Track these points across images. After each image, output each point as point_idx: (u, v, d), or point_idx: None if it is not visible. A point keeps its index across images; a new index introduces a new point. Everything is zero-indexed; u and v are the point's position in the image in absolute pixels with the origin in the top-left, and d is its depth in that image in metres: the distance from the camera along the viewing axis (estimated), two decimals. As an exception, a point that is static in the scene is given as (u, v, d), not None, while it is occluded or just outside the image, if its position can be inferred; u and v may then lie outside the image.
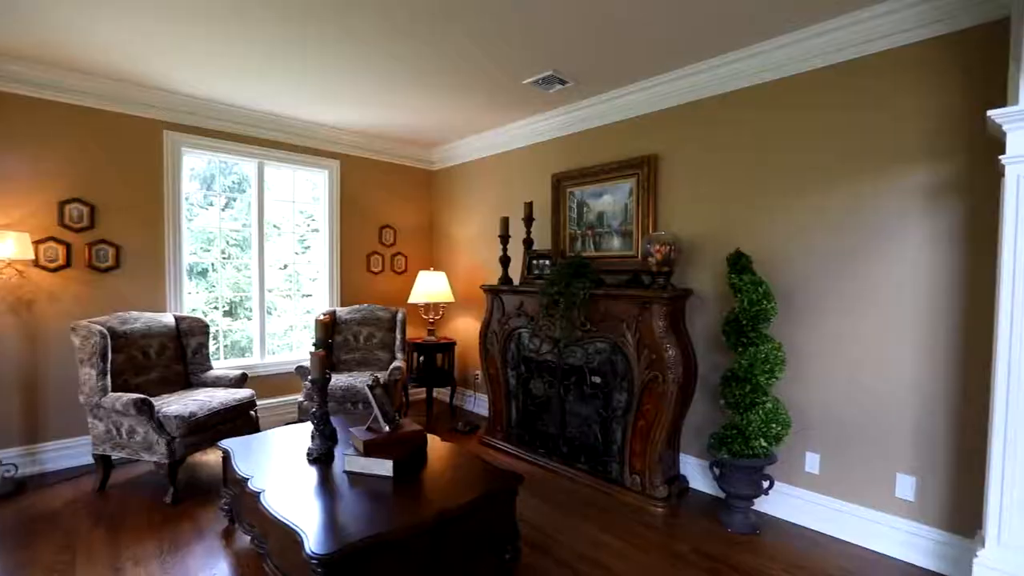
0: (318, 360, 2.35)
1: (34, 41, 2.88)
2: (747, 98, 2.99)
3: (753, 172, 2.97)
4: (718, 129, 3.12)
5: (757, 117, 2.95)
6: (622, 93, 3.50)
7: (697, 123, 3.22)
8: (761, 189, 2.94)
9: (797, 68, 2.77)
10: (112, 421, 2.97)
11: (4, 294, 3.22)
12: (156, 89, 3.61)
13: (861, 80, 2.58)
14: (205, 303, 4.41)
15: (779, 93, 2.86)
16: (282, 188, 4.62)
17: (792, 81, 2.81)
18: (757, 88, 2.94)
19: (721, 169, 3.11)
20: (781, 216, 2.86)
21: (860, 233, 2.59)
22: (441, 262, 5.34)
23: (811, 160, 2.75)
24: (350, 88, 3.57)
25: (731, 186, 3.07)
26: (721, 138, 3.11)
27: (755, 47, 2.83)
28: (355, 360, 4.25)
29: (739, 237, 3.01)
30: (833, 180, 2.67)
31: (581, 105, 3.77)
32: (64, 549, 2.48)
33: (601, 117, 3.74)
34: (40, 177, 3.34)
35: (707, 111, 3.17)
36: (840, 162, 2.64)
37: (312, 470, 2.32)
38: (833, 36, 2.60)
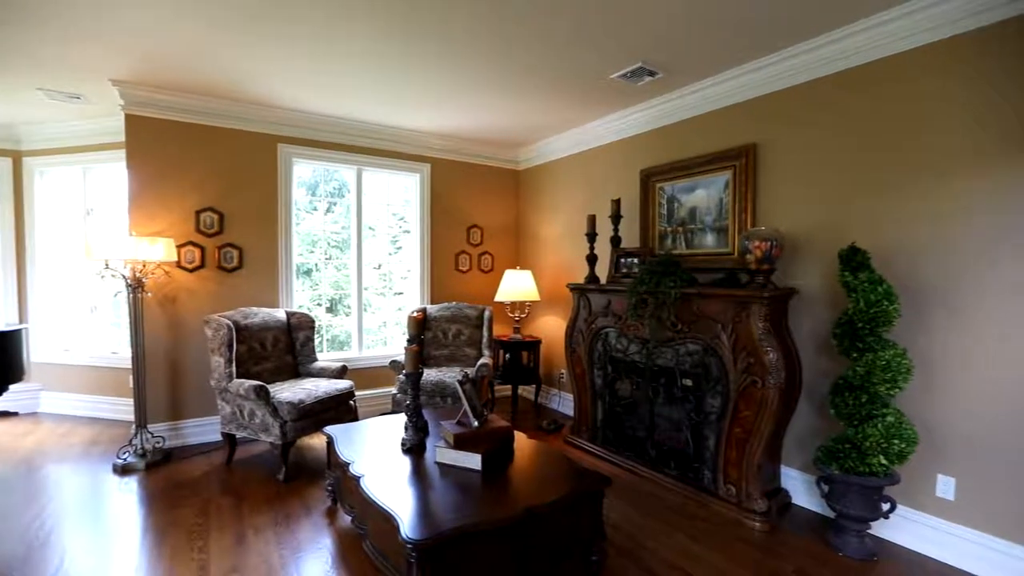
0: (412, 355, 2.47)
1: (182, 76, 3.32)
2: (866, 76, 2.69)
3: (874, 158, 2.67)
4: (829, 112, 2.84)
5: (883, 95, 2.64)
6: (716, 81, 3.31)
7: (803, 108, 2.96)
8: (884, 177, 2.63)
9: (929, 37, 2.44)
10: (236, 404, 3.34)
11: (155, 291, 3.74)
12: (272, 107, 4.00)
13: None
14: (310, 300, 4.81)
15: (907, 67, 2.54)
16: (377, 192, 4.91)
17: (929, 50, 2.47)
18: (881, 63, 2.63)
19: (833, 156, 2.83)
20: (913, 205, 2.53)
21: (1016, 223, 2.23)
22: (527, 261, 5.39)
23: (955, 144, 2.40)
24: (442, 94, 3.71)
25: (845, 174, 2.78)
26: (832, 122, 2.83)
27: (873, 18, 2.54)
28: (444, 356, 4.42)
29: (853, 231, 2.72)
30: (985, 164, 2.31)
31: (671, 96, 3.62)
32: (200, 513, 2.83)
33: (693, 108, 3.56)
34: (182, 190, 3.84)
35: (814, 94, 2.90)
36: (999, 142, 2.27)
37: (406, 459, 2.45)
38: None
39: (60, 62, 3.20)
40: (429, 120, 4.35)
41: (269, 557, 2.42)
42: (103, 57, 3.12)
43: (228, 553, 2.44)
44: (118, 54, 3.07)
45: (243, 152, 4.05)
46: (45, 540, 2.55)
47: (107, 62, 3.19)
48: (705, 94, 3.43)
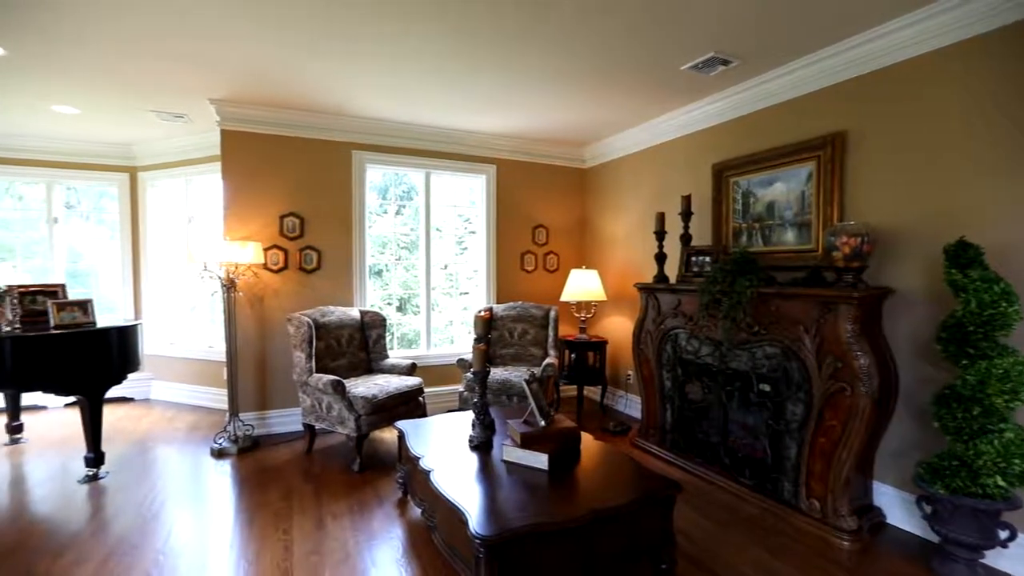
0: (480, 354, 2.51)
1: (269, 92, 3.58)
2: (985, 46, 2.40)
3: (992, 135, 2.38)
4: (936, 86, 2.56)
5: (1009, 59, 2.35)
6: (798, 65, 3.09)
7: (906, 86, 2.69)
8: (1001, 159, 2.34)
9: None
10: (316, 397, 3.56)
11: (246, 290, 4.07)
12: (347, 116, 4.22)
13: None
14: (381, 299, 5.02)
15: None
16: (444, 194, 5.04)
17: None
18: (1010, 30, 2.34)
19: (938, 138, 2.56)
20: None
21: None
22: (593, 260, 5.32)
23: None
24: (508, 96, 3.74)
25: (953, 158, 2.50)
26: (940, 97, 2.55)
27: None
28: (509, 355, 4.45)
29: (961, 224, 2.44)
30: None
31: (746, 85, 3.43)
32: (284, 497, 3.04)
33: (771, 96, 3.35)
34: (268, 197, 4.14)
35: (920, 70, 2.63)
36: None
37: (473, 456, 2.49)
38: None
39: (168, 86, 3.56)
40: (495, 121, 4.41)
41: (345, 543, 2.55)
42: (203, 80, 3.44)
43: (309, 536, 2.60)
44: (216, 76, 3.37)
45: (321, 159, 4.31)
46: (156, 513, 2.84)
47: (206, 84, 3.52)
48: (785, 81, 3.22)
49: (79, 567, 2.32)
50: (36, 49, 2.97)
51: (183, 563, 2.37)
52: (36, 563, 2.36)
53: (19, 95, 3.75)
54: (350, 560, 2.40)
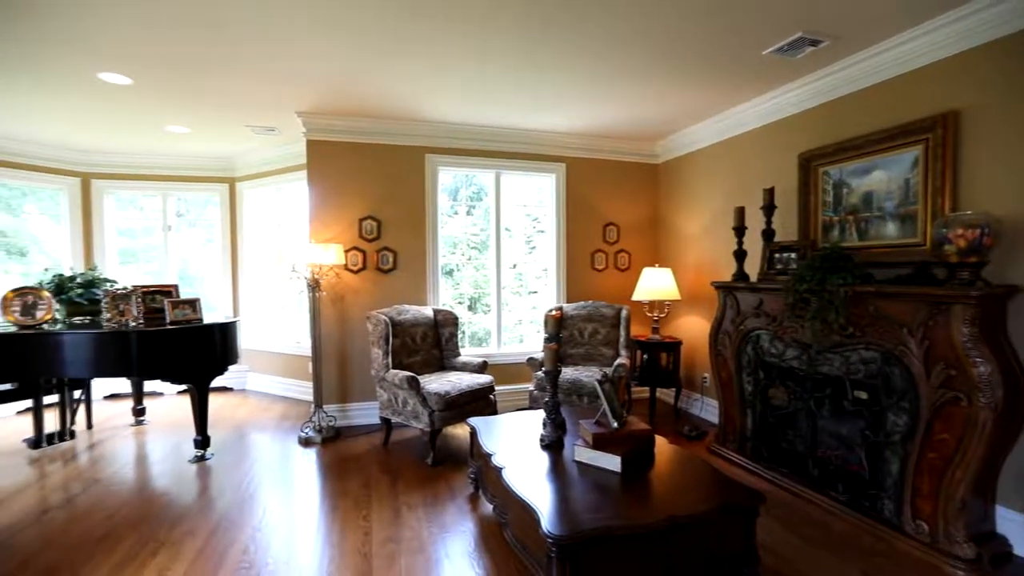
0: (551, 353, 2.51)
1: (349, 103, 3.80)
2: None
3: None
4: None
5: None
6: (898, 41, 2.81)
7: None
8: None
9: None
10: (392, 392, 3.71)
11: (329, 290, 4.33)
12: (421, 121, 4.38)
13: None
14: (452, 298, 5.14)
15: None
16: (513, 194, 5.08)
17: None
18: None
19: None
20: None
21: None
22: (666, 258, 5.15)
23: None
24: (578, 93, 3.71)
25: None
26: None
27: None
28: (580, 355, 4.41)
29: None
30: None
31: (839, 66, 3.16)
32: (364, 486, 3.20)
33: (867, 76, 3.07)
34: (348, 201, 4.39)
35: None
36: None
37: (544, 455, 2.49)
38: None
39: (261, 102, 3.87)
40: (564, 120, 4.38)
41: (420, 533, 2.64)
42: (291, 94, 3.70)
43: (386, 524, 2.72)
44: (302, 91, 3.62)
45: (396, 164, 4.49)
46: (252, 494, 3.10)
47: (294, 98, 3.78)
48: (884, 59, 2.93)
49: (191, 537, 2.58)
50: (156, 77, 3.34)
51: (276, 541, 2.56)
52: (157, 531, 2.65)
53: (140, 118, 4.23)
54: (424, 550, 2.48)
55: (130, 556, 2.42)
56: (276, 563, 2.37)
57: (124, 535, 2.61)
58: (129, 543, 2.53)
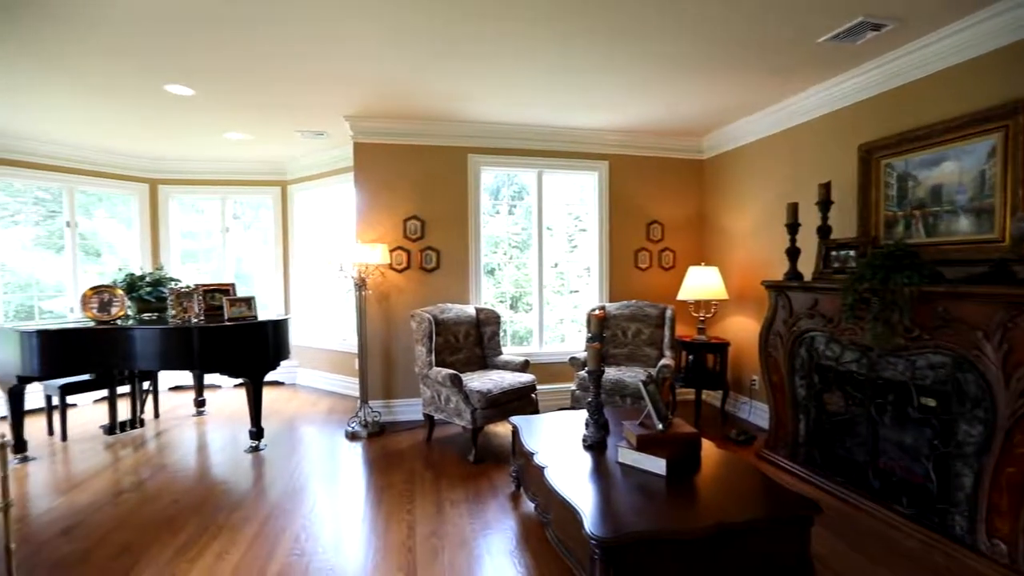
0: (594, 353, 2.48)
1: (394, 105, 3.89)
2: None
3: None
4: None
5: None
6: (972, 21, 2.60)
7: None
8: None
9: None
10: (435, 389, 3.77)
11: (374, 288, 4.45)
12: (464, 122, 4.43)
13: None
14: (494, 297, 5.17)
15: None
16: (555, 193, 5.05)
17: None
18: None
19: None
20: None
21: None
22: (712, 257, 4.99)
23: None
24: (626, 90, 3.65)
25: None
26: None
27: None
28: (623, 355, 4.34)
29: None
30: None
31: (902, 51, 2.97)
32: (407, 480, 3.26)
33: (935, 60, 2.86)
34: (393, 201, 4.49)
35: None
36: None
37: (587, 455, 2.46)
38: None
39: (311, 107, 4.01)
40: (609, 117, 4.32)
41: (463, 529, 2.67)
42: (339, 99, 3.82)
43: (429, 519, 2.77)
44: (349, 95, 3.73)
45: (440, 165, 4.56)
46: (303, 485, 3.22)
47: (342, 102, 3.91)
48: (956, 40, 2.73)
49: (247, 523, 2.72)
50: (216, 87, 3.53)
51: (325, 531, 2.66)
52: (217, 516, 2.80)
53: (201, 127, 4.48)
54: (467, 546, 2.50)
55: (193, 539, 2.57)
56: (326, 552, 2.46)
57: (187, 519, 2.77)
58: (192, 527, 2.69)
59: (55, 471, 3.47)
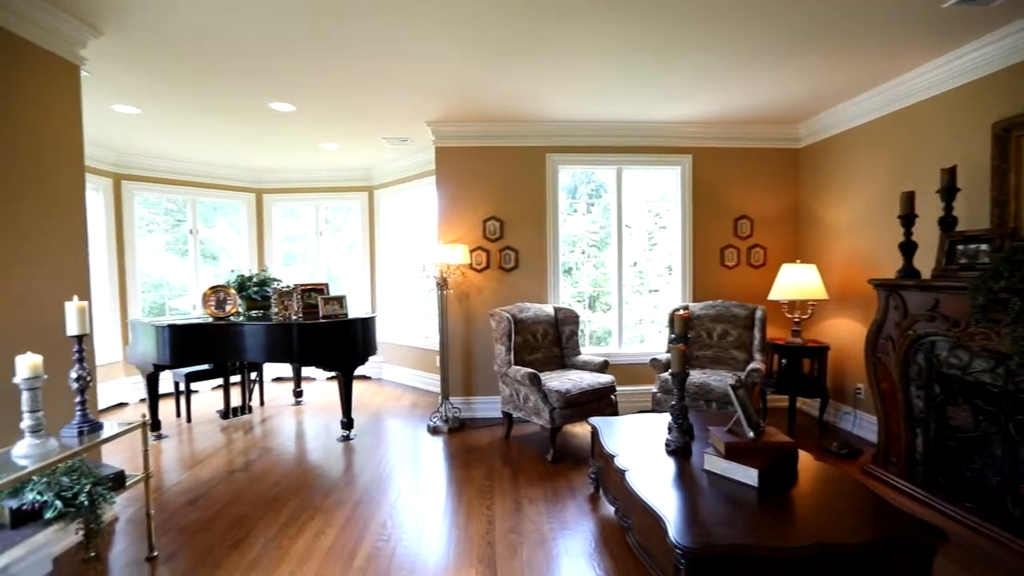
0: (678, 355, 2.38)
1: (474, 109, 3.98)
2: None
3: None
4: None
5: None
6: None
7: None
8: None
9: None
10: (514, 388, 3.81)
11: (455, 288, 4.58)
12: (541, 122, 4.44)
13: None
14: (571, 296, 5.13)
15: None
16: (634, 189, 4.91)
17: None
18: None
19: None
20: None
21: None
22: (809, 253, 4.61)
23: None
24: (712, 80, 3.48)
25: None
26: None
27: None
28: (707, 357, 4.13)
29: None
30: None
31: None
32: (486, 476, 3.32)
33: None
34: (472, 203, 4.60)
35: None
36: None
37: (670, 461, 2.37)
38: None
39: (395, 116, 4.22)
40: (692, 108, 4.13)
41: (541, 527, 2.67)
42: (422, 106, 3.98)
43: (508, 515, 2.80)
44: (430, 101, 3.87)
45: (518, 165, 4.60)
46: (389, 474, 3.39)
47: (424, 109, 4.07)
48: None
49: (340, 507, 2.91)
50: (313, 102, 3.81)
51: (409, 519, 2.78)
52: (313, 498, 3.02)
53: (299, 139, 4.86)
54: (545, 545, 2.50)
55: (294, 517, 2.79)
56: (409, 539, 2.57)
57: (289, 499, 3.02)
58: (292, 506, 2.92)
59: (182, 448, 3.93)
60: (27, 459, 1.85)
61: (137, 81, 3.41)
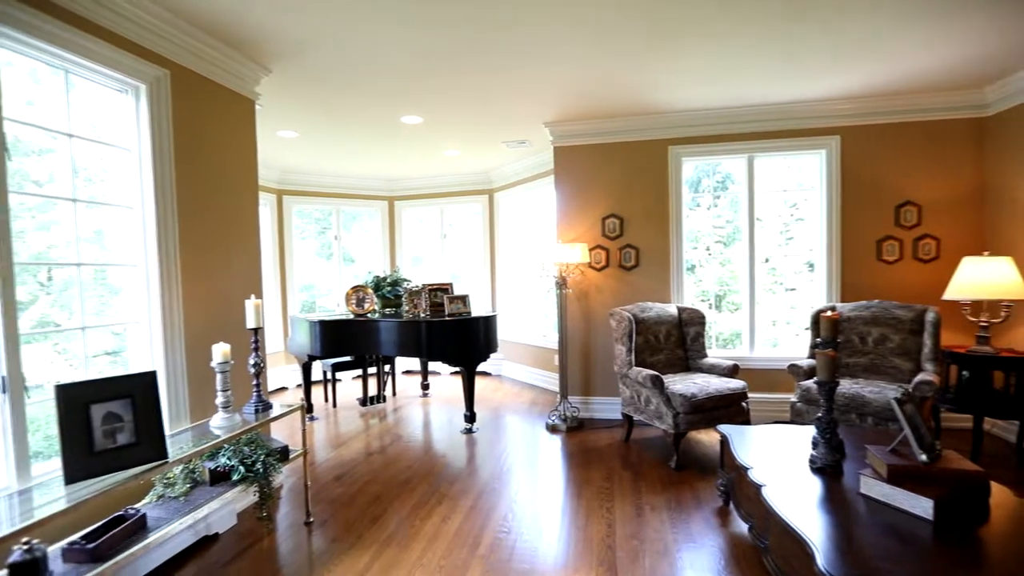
0: (827, 361, 2.11)
1: (592, 106, 3.94)
2: None
3: None
4: None
5: None
6: None
7: None
8: None
9: None
10: (634, 389, 3.69)
11: (574, 287, 4.57)
12: (662, 113, 4.25)
13: None
14: (694, 296, 4.82)
15: None
16: (766, 179, 4.47)
17: None
18: None
19: None
20: None
21: None
22: (1001, 243, 3.81)
23: None
24: (872, 43, 3.03)
25: None
26: None
27: None
28: (860, 366, 3.62)
29: None
30: None
31: None
32: (607, 478, 3.26)
33: None
34: (591, 201, 4.55)
35: None
36: None
37: (815, 480, 2.11)
38: None
39: (514, 120, 4.33)
40: (839, 83, 3.65)
41: (664, 536, 2.55)
42: (540, 108, 4.05)
43: (629, 520, 2.71)
44: (548, 102, 3.92)
45: (638, 160, 4.45)
46: (509, 468, 3.48)
47: (542, 111, 4.12)
48: None
49: (463, 496, 3.06)
50: (439, 112, 4.07)
51: (528, 514, 2.82)
52: (440, 485, 3.22)
53: (425, 148, 5.20)
54: (669, 555, 2.38)
55: (423, 500, 3.00)
56: (529, 534, 2.61)
57: (418, 483, 3.25)
58: (422, 490, 3.14)
59: (329, 430, 4.43)
60: (220, 430, 2.23)
61: (295, 109, 3.92)
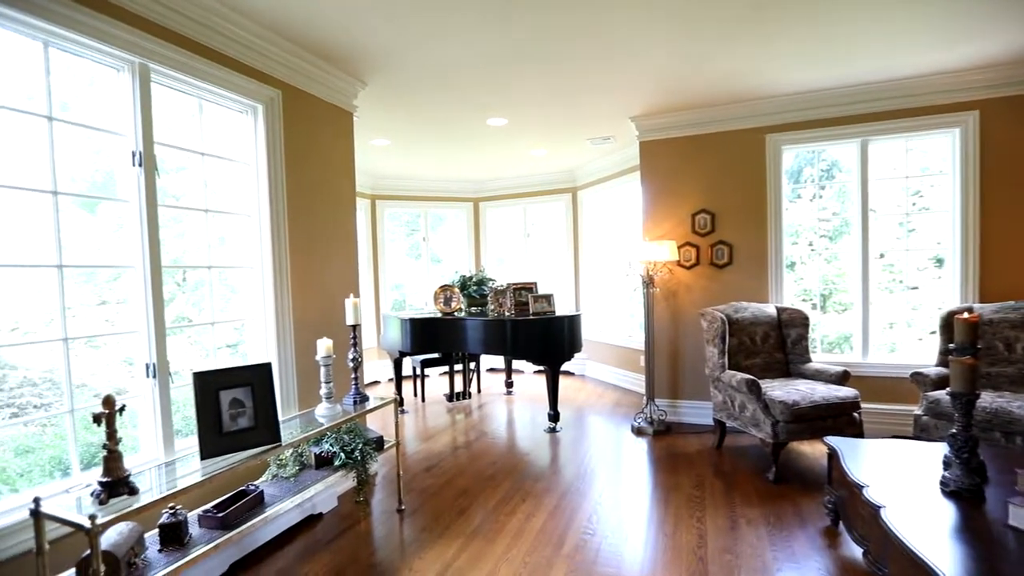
0: (963, 370, 1.85)
1: (679, 98, 3.78)
2: None
3: None
4: None
5: None
6: None
7: None
8: None
9: None
10: (727, 394, 3.48)
11: (661, 286, 4.41)
12: (758, 99, 3.96)
13: None
14: (794, 295, 4.44)
15: None
16: (879, 166, 4.00)
17: None
18: None
19: None
20: None
21: None
22: None
23: None
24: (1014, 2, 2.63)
25: None
26: None
27: None
28: (1006, 376, 3.14)
29: None
30: None
31: None
32: (697, 486, 3.11)
33: None
34: (679, 197, 4.36)
35: None
36: None
37: (948, 504, 1.86)
38: None
39: (598, 116, 4.27)
40: (977, 49, 3.18)
41: (762, 553, 2.37)
42: (625, 103, 3.96)
43: (722, 533, 2.56)
44: (633, 96, 3.82)
45: (731, 151, 4.19)
46: (593, 470, 3.43)
47: (627, 106, 4.02)
48: None
49: (547, 495, 3.06)
50: (523, 114, 4.11)
51: (612, 518, 2.76)
52: (524, 482, 3.25)
53: (511, 148, 5.27)
54: (768, 573, 2.22)
55: (508, 496, 3.04)
56: (614, 537, 2.55)
57: (503, 479, 3.30)
58: (506, 486, 3.19)
59: (418, 423, 4.64)
60: (323, 418, 2.42)
61: (387, 119, 4.15)
